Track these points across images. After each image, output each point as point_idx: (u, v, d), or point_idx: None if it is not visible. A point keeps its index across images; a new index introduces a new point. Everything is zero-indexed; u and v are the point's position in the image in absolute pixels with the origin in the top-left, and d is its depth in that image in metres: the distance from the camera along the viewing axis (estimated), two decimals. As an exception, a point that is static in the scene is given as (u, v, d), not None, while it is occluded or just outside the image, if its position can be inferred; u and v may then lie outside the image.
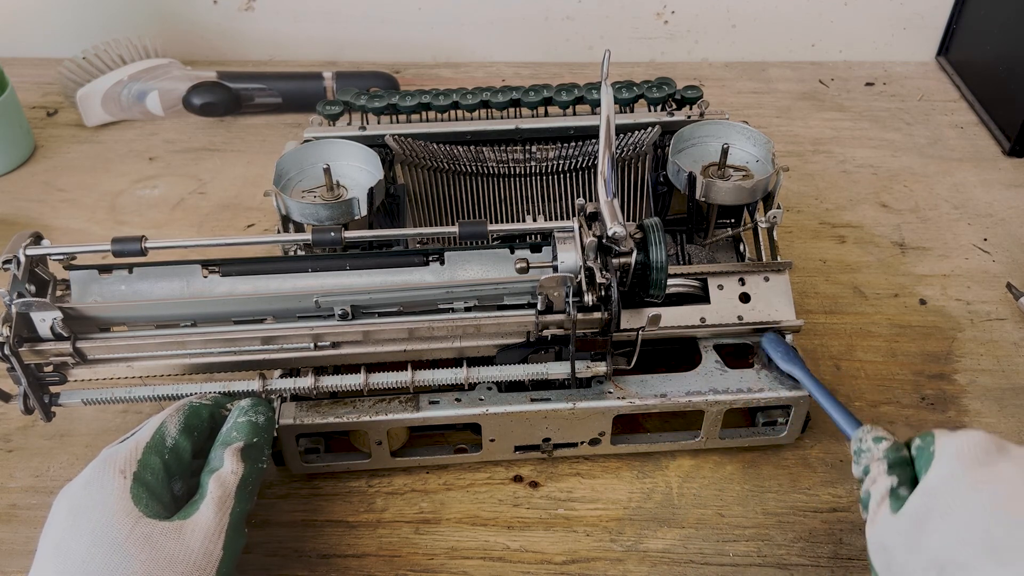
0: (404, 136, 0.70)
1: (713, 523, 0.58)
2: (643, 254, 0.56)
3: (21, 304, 0.53)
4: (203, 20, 1.09)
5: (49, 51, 1.08)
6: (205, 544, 0.46)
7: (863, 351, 0.71)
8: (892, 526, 0.44)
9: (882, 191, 0.89)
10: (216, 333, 0.56)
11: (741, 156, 0.67)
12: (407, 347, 0.57)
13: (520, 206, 0.70)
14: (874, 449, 0.48)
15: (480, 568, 0.56)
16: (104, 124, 0.99)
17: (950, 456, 0.44)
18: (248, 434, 0.52)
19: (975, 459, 0.43)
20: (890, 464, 0.47)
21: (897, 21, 1.09)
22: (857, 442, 0.50)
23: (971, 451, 0.44)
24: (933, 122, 1.00)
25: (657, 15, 1.09)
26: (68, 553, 0.44)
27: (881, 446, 0.48)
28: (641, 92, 0.72)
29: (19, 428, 0.65)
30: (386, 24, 1.09)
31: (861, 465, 0.49)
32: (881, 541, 0.45)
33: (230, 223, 0.85)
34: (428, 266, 0.58)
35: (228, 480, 0.49)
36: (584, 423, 0.59)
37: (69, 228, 0.84)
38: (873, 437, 0.49)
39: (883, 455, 0.47)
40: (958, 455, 0.44)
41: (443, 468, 0.62)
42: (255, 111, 1.01)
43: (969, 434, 0.45)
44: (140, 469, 0.48)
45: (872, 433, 0.49)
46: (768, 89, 1.07)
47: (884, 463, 0.47)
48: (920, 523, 0.43)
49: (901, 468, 0.46)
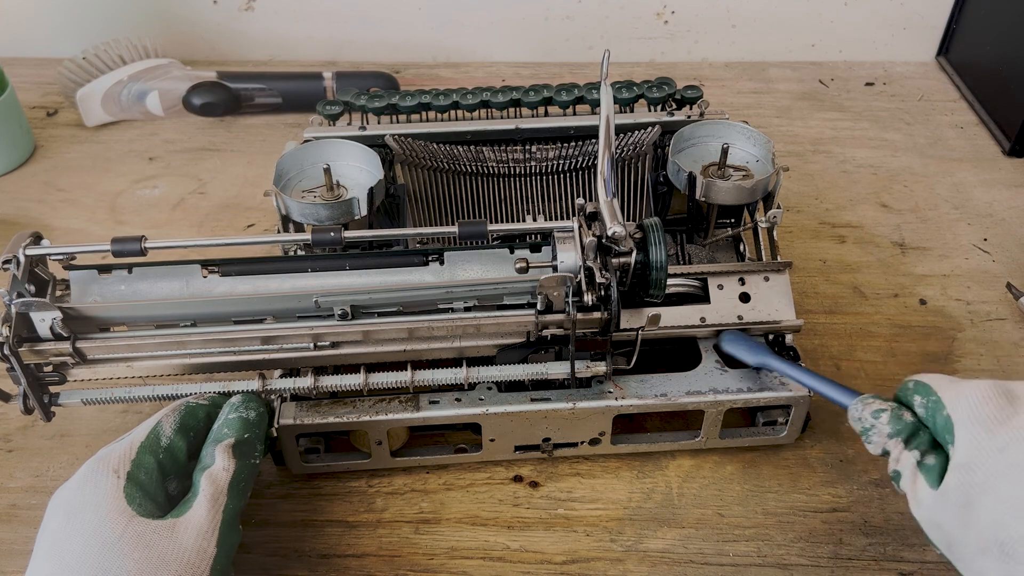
0: (404, 136, 0.70)
1: (713, 523, 0.58)
2: (643, 254, 0.56)
3: (21, 304, 0.53)
4: (203, 20, 1.09)
5: (49, 51, 1.08)
6: (199, 542, 0.46)
7: (863, 351, 0.71)
8: (938, 504, 0.44)
9: (882, 191, 0.89)
10: (216, 333, 0.56)
11: (741, 156, 0.67)
12: (407, 347, 0.57)
13: (520, 206, 0.70)
14: (878, 425, 0.47)
15: (480, 568, 0.56)
16: (104, 124, 0.99)
17: (967, 422, 0.43)
18: (239, 430, 0.52)
19: (993, 418, 0.42)
20: (905, 438, 0.46)
21: (897, 21, 1.09)
22: (858, 422, 0.48)
23: (985, 410, 0.43)
24: (933, 122, 1.00)
25: (657, 15, 1.09)
26: (62, 553, 0.44)
27: (883, 419, 0.47)
28: (641, 92, 0.72)
29: (19, 428, 0.65)
30: (386, 24, 1.09)
31: (873, 443, 0.48)
32: (932, 519, 0.45)
33: (230, 223, 0.85)
34: (428, 266, 0.58)
35: (220, 477, 0.49)
36: (584, 423, 0.59)
37: (69, 228, 0.84)
38: (872, 412, 0.48)
39: (892, 430, 0.46)
40: (974, 419, 0.43)
41: (443, 468, 0.62)
42: (255, 111, 1.01)
43: (976, 389, 0.44)
44: (134, 469, 0.48)
45: (869, 408, 0.48)
46: (768, 89, 1.07)
47: (899, 439, 0.46)
48: (964, 501, 0.42)
49: (917, 437, 0.46)
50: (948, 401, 0.45)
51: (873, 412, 0.48)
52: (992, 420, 0.42)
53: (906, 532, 0.58)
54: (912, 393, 0.47)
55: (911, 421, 0.46)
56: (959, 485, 0.43)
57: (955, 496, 0.43)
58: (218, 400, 0.55)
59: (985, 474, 0.41)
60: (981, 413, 0.43)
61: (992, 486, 0.41)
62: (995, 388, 0.44)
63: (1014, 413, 0.42)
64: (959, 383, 0.46)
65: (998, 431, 0.42)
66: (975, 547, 0.42)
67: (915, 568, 0.56)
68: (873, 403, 0.48)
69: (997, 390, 0.44)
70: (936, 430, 0.46)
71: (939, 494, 0.44)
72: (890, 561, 0.56)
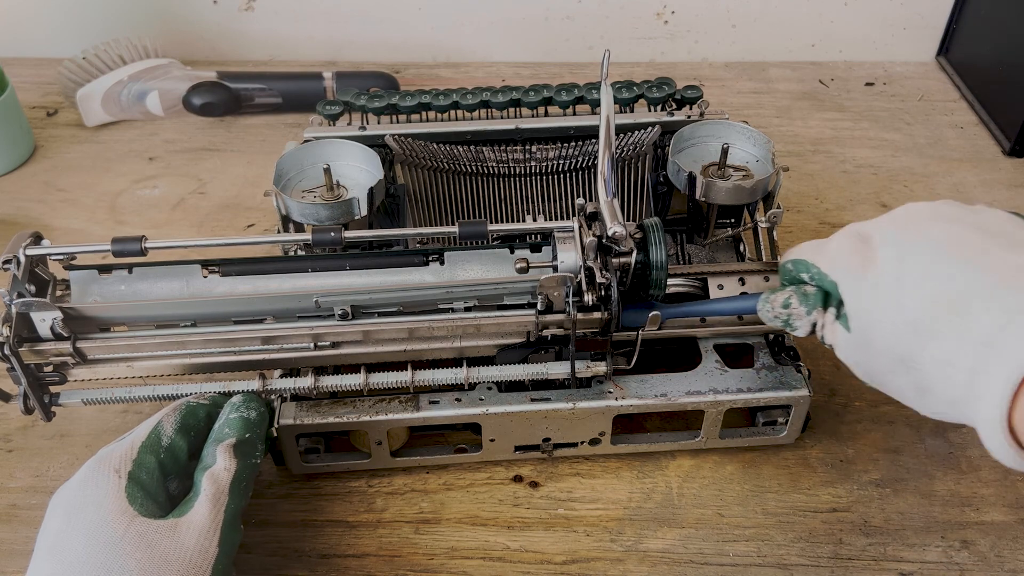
0: (404, 136, 0.70)
1: (713, 523, 0.58)
2: (643, 254, 0.56)
3: (21, 304, 0.53)
4: (203, 20, 1.09)
5: (49, 51, 1.08)
6: (200, 541, 0.46)
7: (863, 351, 0.71)
8: (851, 345, 0.50)
9: (882, 191, 0.89)
10: (216, 333, 0.56)
11: (741, 156, 0.67)
12: (407, 347, 0.57)
13: (520, 206, 0.70)
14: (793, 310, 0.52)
15: (480, 568, 0.56)
16: (104, 124, 0.99)
17: (844, 276, 0.49)
18: (240, 430, 0.52)
19: (859, 264, 0.48)
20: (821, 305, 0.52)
21: (897, 21, 1.09)
22: (775, 320, 0.53)
23: (852, 260, 0.49)
24: (933, 122, 1.00)
25: (657, 15, 1.09)
26: (64, 553, 0.44)
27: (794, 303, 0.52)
28: (641, 92, 0.72)
29: (19, 428, 0.65)
30: (386, 24, 1.09)
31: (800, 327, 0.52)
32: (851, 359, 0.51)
33: (230, 223, 0.85)
34: (428, 266, 0.58)
35: (221, 477, 0.49)
36: (584, 423, 0.59)
37: (69, 228, 0.84)
38: (781, 303, 0.52)
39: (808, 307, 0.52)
40: (847, 270, 0.49)
41: (443, 468, 0.62)
42: (255, 111, 1.01)
43: (838, 246, 0.50)
44: (135, 468, 0.48)
45: (776, 302, 0.53)
46: (768, 89, 1.07)
47: (819, 308, 0.52)
48: (866, 337, 0.48)
49: (827, 299, 0.51)
50: (825, 266, 0.51)
51: (783, 303, 0.52)
52: (859, 267, 0.48)
53: (906, 532, 0.58)
54: (796, 272, 0.53)
55: (815, 292, 0.52)
56: (858, 327, 0.49)
57: (859, 336, 0.49)
58: (219, 400, 0.55)
59: (871, 309, 0.47)
60: (851, 264, 0.49)
61: (880, 317, 0.47)
62: (853, 238, 0.50)
63: (872, 252, 0.48)
64: (823, 245, 0.52)
65: (866, 272, 0.48)
66: (886, 369, 0.48)
67: (915, 568, 0.56)
68: (777, 297, 0.53)
69: (853, 238, 0.50)
70: (829, 292, 0.51)
71: (850, 338, 0.50)
72: (890, 561, 0.56)
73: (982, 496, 0.60)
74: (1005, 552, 0.56)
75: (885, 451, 0.63)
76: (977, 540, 0.57)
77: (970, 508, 0.59)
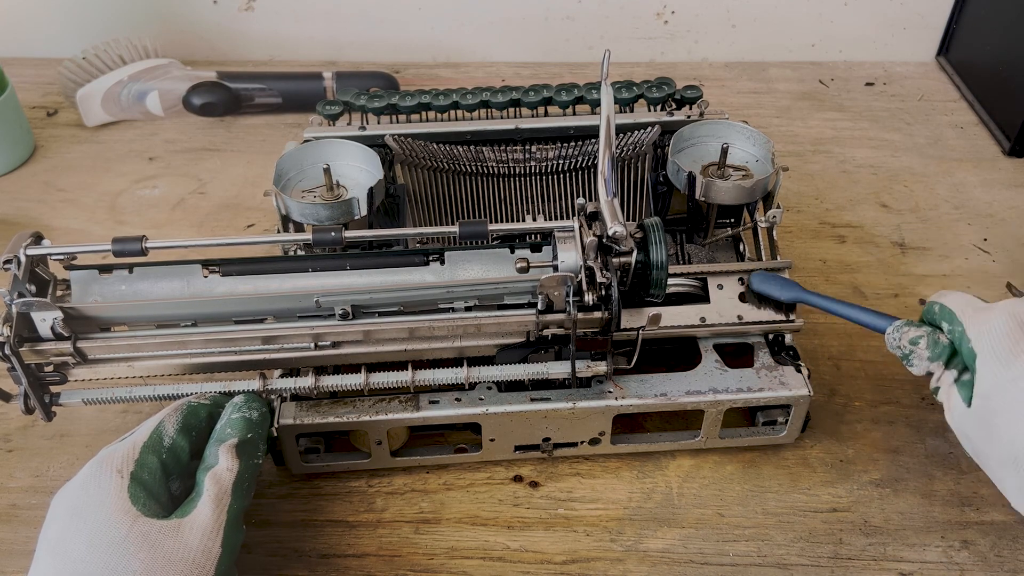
0: (404, 136, 0.70)
1: (713, 523, 0.58)
2: (643, 253, 0.56)
3: (22, 304, 0.53)
4: (203, 20, 1.09)
5: (49, 51, 1.08)
6: (203, 541, 0.46)
7: (863, 351, 0.71)
8: (966, 419, 0.50)
9: (882, 191, 0.89)
10: (216, 333, 0.56)
11: (741, 156, 0.67)
12: (407, 347, 0.57)
13: (520, 206, 0.70)
14: (917, 351, 0.52)
15: (480, 568, 0.56)
16: (104, 124, 0.99)
17: (987, 355, 0.48)
18: (242, 430, 0.52)
19: (1009, 352, 0.47)
20: (945, 360, 0.51)
21: (897, 21, 1.09)
22: (897, 349, 0.53)
23: (1004, 345, 0.48)
24: (933, 122, 1.00)
25: (657, 15, 1.09)
26: (66, 553, 0.44)
27: (921, 346, 0.52)
28: (641, 92, 0.72)
29: (19, 428, 0.65)
30: (386, 24, 1.09)
31: (916, 367, 0.52)
32: (962, 431, 0.51)
33: (230, 223, 0.85)
34: (428, 266, 0.58)
35: (224, 477, 0.49)
36: (584, 423, 0.59)
37: (69, 228, 0.84)
38: (909, 340, 0.52)
39: (932, 354, 0.51)
40: (993, 353, 0.48)
41: (443, 468, 0.62)
42: (255, 111, 1.01)
43: (996, 324, 0.49)
44: (137, 469, 0.48)
45: (906, 336, 0.52)
46: (768, 89, 1.07)
47: (940, 361, 0.51)
48: (986, 422, 0.48)
49: (954, 358, 0.51)
50: (972, 334, 0.50)
51: (911, 339, 0.52)
52: (1009, 354, 0.47)
53: (906, 532, 0.58)
54: (939, 318, 0.52)
55: (947, 344, 0.51)
56: (982, 407, 0.48)
57: (979, 416, 0.49)
58: (220, 400, 0.55)
59: (1001, 401, 0.47)
60: (999, 348, 0.48)
61: (1008, 411, 0.47)
62: (1013, 321, 0.49)
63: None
64: (981, 313, 0.50)
65: (1013, 364, 0.47)
66: (996, 459, 0.48)
67: (915, 568, 0.56)
68: (908, 331, 0.53)
69: (1014, 323, 0.48)
70: (962, 356, 0.51)
71: (970, 411, 0.49)
72: (890, 561, 0.56)
73: (982, 496, 0.60)
74: (1005, 552, 0.56)
75: (885, 451, 0.63)
76: (977, 540, 0.57)
77: (970, 508, 0.59)
